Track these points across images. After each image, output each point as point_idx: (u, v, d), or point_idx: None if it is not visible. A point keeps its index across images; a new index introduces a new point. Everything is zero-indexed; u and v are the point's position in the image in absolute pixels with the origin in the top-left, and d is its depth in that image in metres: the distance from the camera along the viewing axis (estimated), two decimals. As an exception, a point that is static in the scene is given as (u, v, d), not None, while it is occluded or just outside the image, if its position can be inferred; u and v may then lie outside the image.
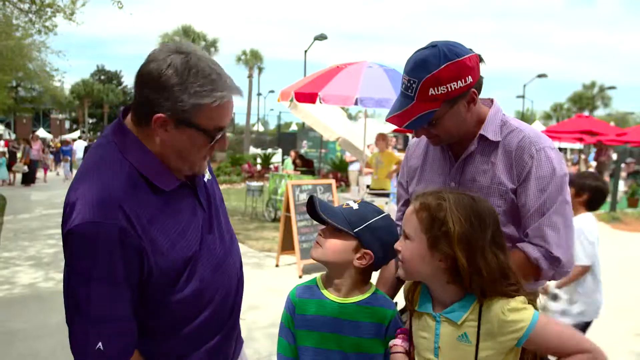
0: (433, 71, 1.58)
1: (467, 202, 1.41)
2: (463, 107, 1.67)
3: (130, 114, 1.48)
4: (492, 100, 1.81)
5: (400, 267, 1.50)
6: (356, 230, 1.62)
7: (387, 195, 8.53)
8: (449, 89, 1.60)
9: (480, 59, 1.68)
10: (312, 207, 1.65)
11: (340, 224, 1.62)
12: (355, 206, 1.67)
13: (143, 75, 1.39)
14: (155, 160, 1.46)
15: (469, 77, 1.62)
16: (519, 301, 1.38)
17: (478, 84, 1.68)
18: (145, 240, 1.38)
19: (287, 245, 7.11)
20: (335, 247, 1.63)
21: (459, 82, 1.60)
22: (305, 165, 13.67)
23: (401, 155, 11.91)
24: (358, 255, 1.63)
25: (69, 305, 1.38)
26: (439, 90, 1.59)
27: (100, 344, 1.36)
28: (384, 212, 1.68)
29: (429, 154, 1.91)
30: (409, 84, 1.63)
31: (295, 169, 12.74)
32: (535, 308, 1.41)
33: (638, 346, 4.69)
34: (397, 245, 1.50)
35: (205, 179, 1.66)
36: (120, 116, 1.50)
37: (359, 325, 1.63)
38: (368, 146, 10.85)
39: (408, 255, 1.45)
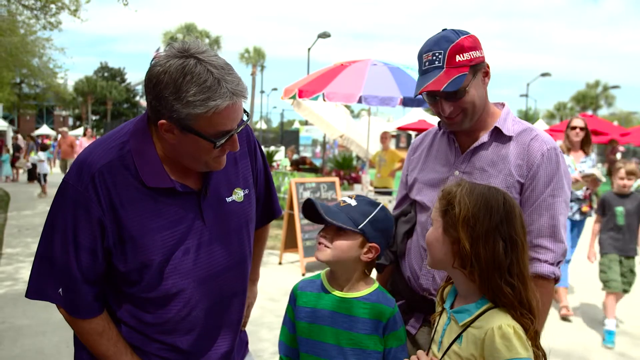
0: (455, 41, 1.72)
1: (479, 190, 1.43)
2: (482, 79, 1.79)
3: None
4: (503, 104, 1.93)
5: (427, 254, 1.53)
6: (360, 226, 1.65)
7: (389, 193, 8.53)
8: (472, 57, 1.73)
9: None
10: (312, 210, 1.65)
11: (345, 224, 1.64)
12: (352, 202, 1.70)
13: (147, 81, 1.41)
14: (152, 155, 1.48)
15: (481, 51, 1.77)
16: (517, 330, 1.33)
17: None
18: (108, 218, 1.44)
19: (290, 243, 7.13)
20: (343, 246, 1.65)
21: (477, 52, 1.75)
22: (297, 165, 13.49)
23: (403, 153, 11.89)
24: (364, 249, 1.66)
25: (38, 245, 1.50)
26: (463, 56, 1.72)
27: (60, 290, 1.48)
28: (379, 203, 1.72)
29: (433, 146, 1.99)
30: (433, 58, 1.74)
31: (296, 170, 12.47)
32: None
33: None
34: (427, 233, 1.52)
35: (230, 199, 1.63)
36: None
37: (357, 320, 1.65)
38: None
39: (429, 239, 1.48)
